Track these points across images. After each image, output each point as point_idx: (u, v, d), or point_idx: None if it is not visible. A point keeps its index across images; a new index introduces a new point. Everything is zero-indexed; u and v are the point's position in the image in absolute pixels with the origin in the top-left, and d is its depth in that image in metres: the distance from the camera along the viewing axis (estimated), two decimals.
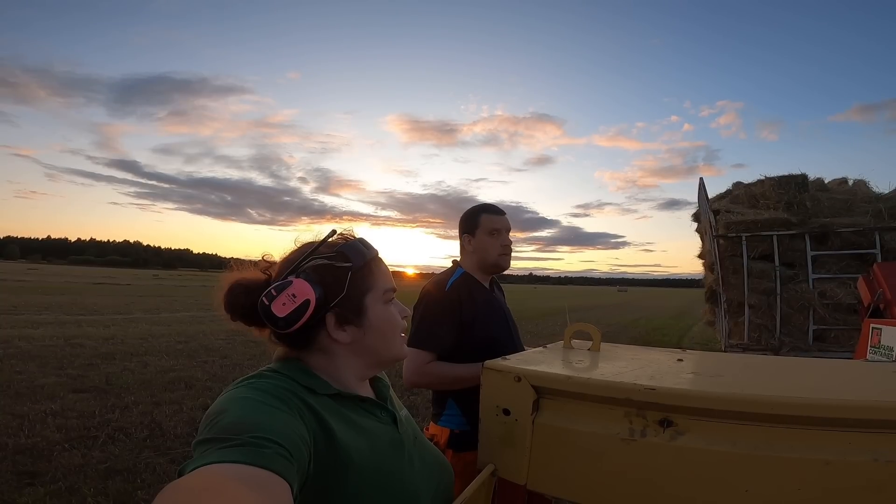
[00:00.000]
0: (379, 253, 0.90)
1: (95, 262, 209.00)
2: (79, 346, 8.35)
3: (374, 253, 0.87)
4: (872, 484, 0.66)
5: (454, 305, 1.66)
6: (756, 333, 6.46)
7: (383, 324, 0.85)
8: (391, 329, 0.87)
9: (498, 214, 1.84)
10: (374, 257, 0.87)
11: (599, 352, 1.16)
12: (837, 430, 0.69)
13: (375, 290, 0.85)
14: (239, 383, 0.73)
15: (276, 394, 0.70)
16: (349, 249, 0.83)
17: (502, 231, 1.81)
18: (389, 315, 0.87)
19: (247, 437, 0.58)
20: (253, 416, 0.63)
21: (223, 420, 0.61)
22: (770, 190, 7.02)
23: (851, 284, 5.53)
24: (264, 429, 0.60)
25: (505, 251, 1.80)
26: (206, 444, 0.58)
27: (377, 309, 0.85)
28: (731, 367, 0.99)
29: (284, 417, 0.66)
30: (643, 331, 16.01)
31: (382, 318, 0.85)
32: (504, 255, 1.80)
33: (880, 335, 3.29)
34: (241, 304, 0.79)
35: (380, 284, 0.86)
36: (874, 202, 6.68)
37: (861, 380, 0.90)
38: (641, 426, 0.79)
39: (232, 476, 0.51)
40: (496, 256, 1.79)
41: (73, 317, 12.75)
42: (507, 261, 1.81)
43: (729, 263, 6.67)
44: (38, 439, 4.04)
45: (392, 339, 0.87)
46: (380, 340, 0.85)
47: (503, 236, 1.80)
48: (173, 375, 6.54)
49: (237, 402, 0.66)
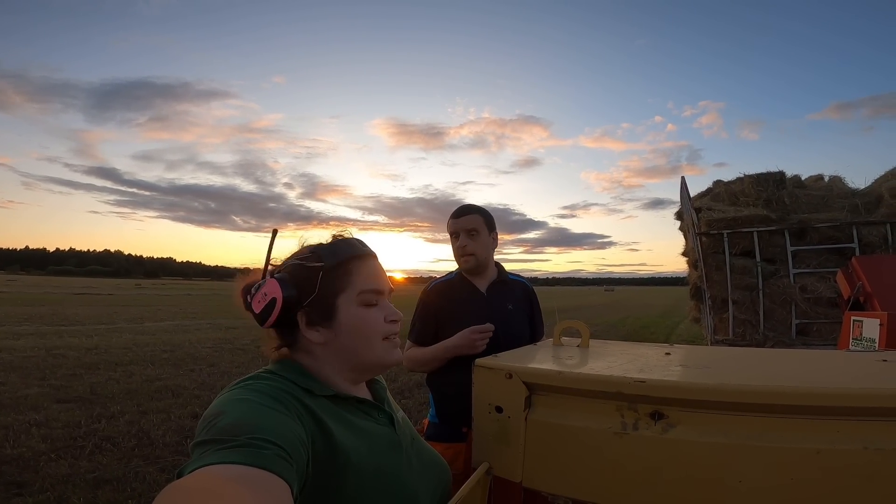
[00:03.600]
0: (371, 254, 0.88)
1: (76, 273, 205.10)
2: (61, 357, 8.17)
3: (353, 253, 0.85)
4: (863, 472, 0.67)
5: (428, 304, 1.84)
6: (741, 329, 6.56)
7: (356, 326, 0.83)
8: (365, 332, 0.83)
9: (455, 217, 1.85)
10: (355, 257, 0.85)
11: (589, 348, 1.17)
12: (826, 418, 0.70)
13: (349, 292, 0.83)
14: (236, 385, 0.73)
15: (273, 395, 0.70)
16: (324, 249, 0.84)
17: (459, 233, 1.82)
18: (364, 317, 0.83)
19: (245, 439, 0.58)
20: (251, 417, 0.63)
21: (221, 421, 0.61)
22: (749, 187, 7.15)
23: (831, 278, 5.65)
24: (263, 430, 0.60)
25: (461, 253, 1.82)
26: (205, 446, 0.58)
27: (350, 310, 0.82)
28: (719, 359, 1.01)
29: (282, 419, 0.66)
30: (630, 329, 16.13)
31: (355, 320, 0.83)
32: (462, 258, 1.81)
33: (861, 327, 3.36)
34: (243, 299, 0.84)
35: (356, 285, 0.83)
36: (850, 197, 6.83)
37: (847, 369, 0.91)
38: (633, 419, 0.80)
39: (231, 477, 0.51)
40: (458, 259, 1.83)
41: (55, 327, 12.47)
42: (465, 262, 1.82)
43: (712, 260, 6.77)
44: (23, 449, 3.96)
45: (368, 342, 0.84)
46: (354, 343, 0.83)
47: (459, 238, 1.82)
48: (160, 384, 6.43)
49: (235, 403, 0.66)
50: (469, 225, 1.82)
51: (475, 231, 1.81)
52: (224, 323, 15.03)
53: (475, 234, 1.81)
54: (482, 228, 1.83)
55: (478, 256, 1.81)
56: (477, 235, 1.81)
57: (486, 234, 1.84)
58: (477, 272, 1.85)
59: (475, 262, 1.81)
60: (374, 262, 0.89)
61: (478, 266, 1.82)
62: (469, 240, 1.80)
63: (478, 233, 1.82)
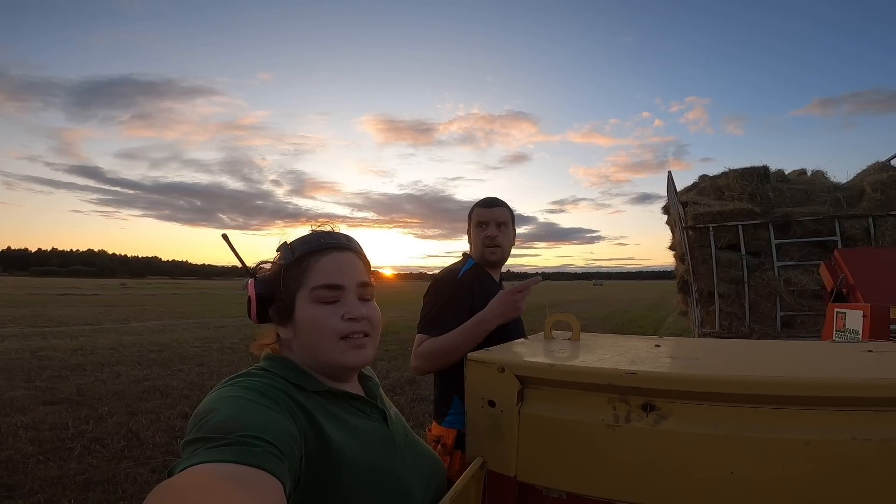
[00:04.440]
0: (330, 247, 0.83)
1: (59, 273, 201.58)
2: (46, 359, 8.04)
3: (312, 247, 0.82)
4: (852, 462, 0.67)
5: (465, 291, 1.68)
6: (727, 321, 6.66)
7: (309, 325, 0.79)
8: (318, 331, 0.79)
9: (486, 207, 1.82)
10: (313, 252, 0.82)
11: (580, 341, 1.18)
12: (815, 408, 0.71)
13: (304, 288, 0.81)
14: (227, 382, 0.72)
15: (265, 392, 0.70)
16: (285, 246, 0.84)
17: (489, 223, 1.78)
18: (315, 316, 0.79)
19: (236, 437, 0.57)
20: (242, 414, 0.62)
21: (212, 419, 0.61)
22: (734, 181, 7.25)
23: (814, 271, 5.74)
24: (254, 427, 0.60)
25: (488, 243, 1.77)
26: (196, 444, 0.57)
27: (304, 308, 0.80)
28: (708, 351, 1.02)
29: (274, 416, 0.65)
30: (619, 323, 16.28)
31: (308, 318, 0.80)
32: (489, 248, 1.78)
33: (845, 319, 3.42)
34: None
35: (310, 282, 0.80)
36: (833, 191, 6.95)
37: (834, 359, 0.92)
38: (625, 412, 0.80)
39: (223, 475, 0.51)
40: (482, 249, 1.78)
41: (39, 329, 12.26)
42: (492, 253, 1.78)
43: (698, 254, 6.86)
44: (11, 452, 3.92)
45: (320, 343, 0.79)
46: (310, 342, 0.80)
47: (489, 228, 1.78)
48: (148, 385, 6.36)
49: (226, 400, 0.66)
50: (501, 217, 1.80)
51: (504, 224, 1.80)
52: (212, 322, 14.91)
53: (504, 227, 1.80)
54: (510, 223, 1.83)
55: (504, 249, 1.80)
56: (506, 229, 1.81)
57: (511, 229, 1.84)
58: (496, 265, 1.83)
59: (501, 255, 1.80)
60: (339, 255, 0.83)
61: (501, 259, 1.81)
62: (499, 231, 1.79)
63: (507, 227, 1.81)
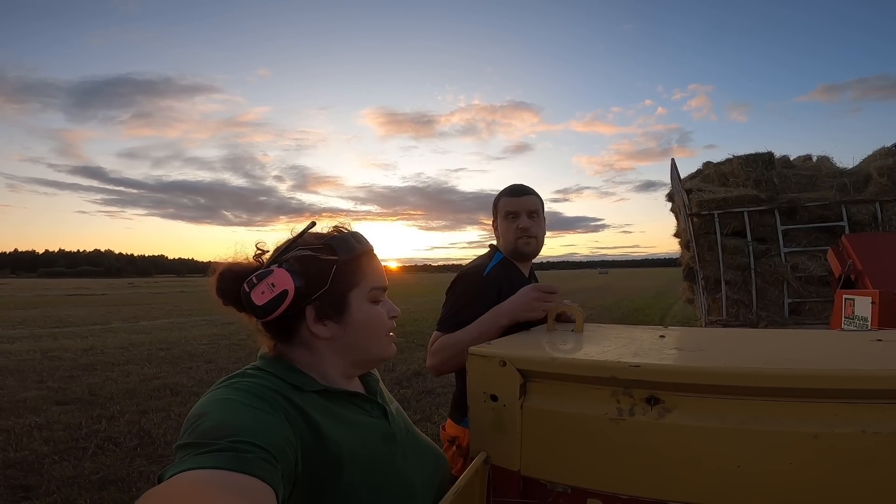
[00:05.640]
0: (373, 249, 0.88)
1: (66, 274, 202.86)
2: (57, 359, 8.13)
3: (364, 248, 0.85)
4: (862, 456, 0.66)
5: (492, 290, 1.55)
6: (734, 309, 6.62)
7: (367, 322, 0.83)
8: (375, 328, 0.85)
9: (515, 196, 1.69)
10: (365, 253, 0.85)
11: (583, 333, 1.17)
12: (823, 401, 0.69)
13: (361, 287, 0.83)
14: (221, 383, 0.72)
15: (258, 394, 0.69)
16: (337, 242, 0.81)
17: (520, 213, 1.66)
18: (375, 314, 0.85)
19: (227, 442, 0.56)
20: (234, 419, 0.62)
21: (204, 424, 0.60)
22: (738, 168, 7.19)
23: (822, 257, 5.69)
24: (246, 432, 0.59)
25: (521, 234, 1.65)
26: (186, 450, 0.57)
27: (361, 306, 0.83)
28: (713, 342, 1.01)
29: (267, 419, 0.64)
30: (625, 311, 16.24)
31: (366, 317, 0.83)
32: (521, 240, 1.65)
33: (853, 306, 3.39)
34: (230, 290, 0.78)
35: (367, 282, 0.84)
36: (839, 177, 6.89)
37: (843, 349, 0.90)
38: (629, 405, 0.79)
39: (212, 483, 0.50)
40: (514, 241, 1.66)
41: (49, 330, 12.38)
42: (526, 245, 1.65)
43: (704, 241, 6.82)
44: (26, 453, 3.97)
45: (376, 338, 0.85)
46: (362, 339, 0.83)
47: (521, 219, 1.65)
48: (158, 383, 6.42)
49: (218, 404, 0.65)
50: (532, 206, 1.67)
51: (536, 213, 1.68)
52: (220, 319, 14.98)
53: (536, 216, 1.68)
54: (541, 212, 1.71)
55: (538, 240, 1.68)
56: (538, 218, 1.69)
57: (543, 218, 1.72)
58: (528, 258, 1.71)
59: (535, 245, 1.67)
60: (377, 258, 0.89)
61: (535, 250, 1.69)
62: (531, 221, 1.66)
63: (538, 215, 1.69)
